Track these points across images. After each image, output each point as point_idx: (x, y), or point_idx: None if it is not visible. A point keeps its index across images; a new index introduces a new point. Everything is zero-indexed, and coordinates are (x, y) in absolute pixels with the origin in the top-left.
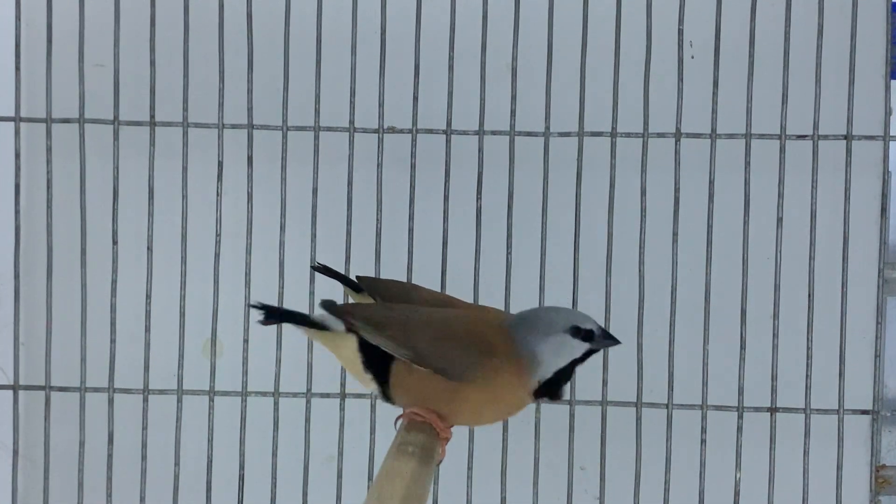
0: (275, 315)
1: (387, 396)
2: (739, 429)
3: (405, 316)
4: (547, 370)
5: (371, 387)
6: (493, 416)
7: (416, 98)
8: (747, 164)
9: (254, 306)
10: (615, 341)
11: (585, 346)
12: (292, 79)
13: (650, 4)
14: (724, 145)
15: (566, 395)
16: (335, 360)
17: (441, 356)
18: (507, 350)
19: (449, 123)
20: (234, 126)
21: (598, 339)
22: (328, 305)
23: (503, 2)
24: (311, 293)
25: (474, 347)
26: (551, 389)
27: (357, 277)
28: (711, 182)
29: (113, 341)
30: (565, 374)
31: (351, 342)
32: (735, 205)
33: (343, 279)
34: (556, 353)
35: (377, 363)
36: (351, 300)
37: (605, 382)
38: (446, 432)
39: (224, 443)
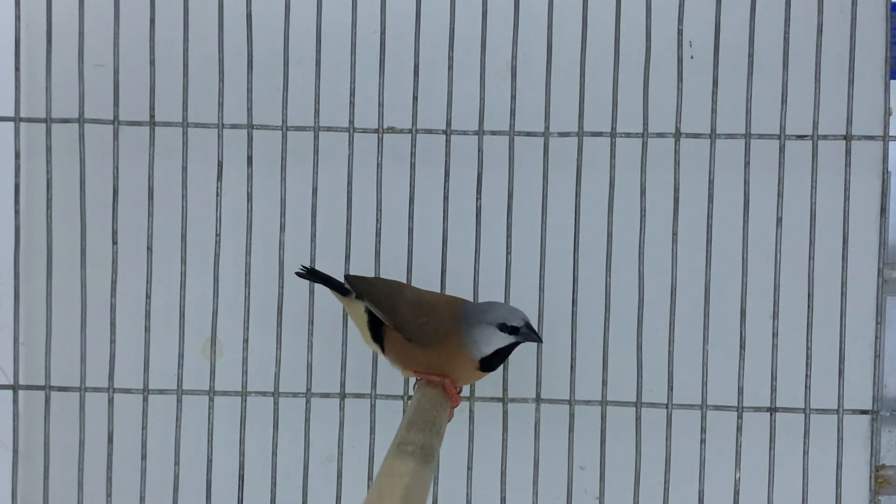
0: (313, 275)
1: (382, 350)
2: (739, 429)
3: (393, 296)
4: (482, 351)
5: (373, 346)
6: (455, 374)
7: (415, 98)
8: (747, 164)
9: (299, 273)
10: (538, 339)
11: (511, 339)
12: (292, 79)
13: (650, 4)
14: (723, 145)
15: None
16: (335, 360)
17: (412, 328)
18: (455, 330)
19: (449, 123)
20: (234, 126)
21: (522, 333)
22: (347, 277)
23: (503, 2)
24: (311, 293)
25: (433, 325)
26: (491, 363)
27: (346, 277)
28: (711, 182)
29: (113, 341)
30: (501, 354)
31: (360, 307)
32: (735, 205)
33: (329, 283)
34: (487, 341)
35: (376, 326)
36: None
37: (604, 382)
38: (455, 398)
39: (224, 443)
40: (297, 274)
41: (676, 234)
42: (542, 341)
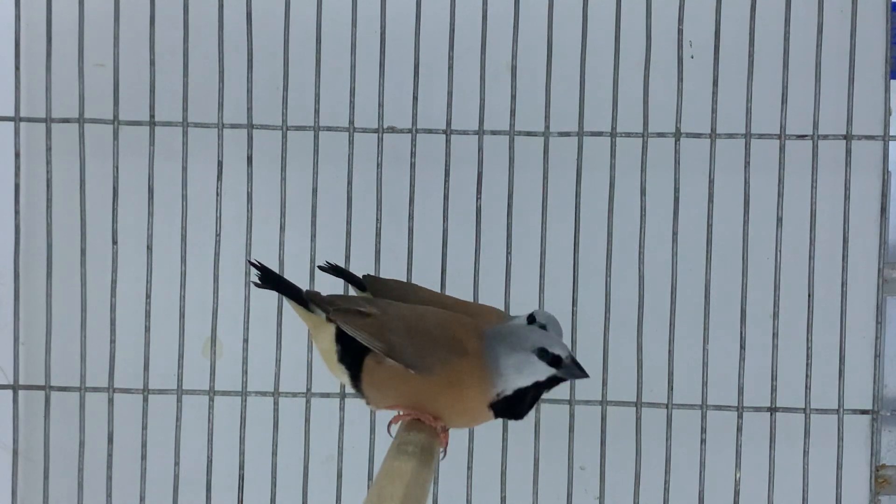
0: (270, 280)
1: (358, 390)
2: (739, 429)
3: (383, 309)
4: (507, 385)
5: (343, 379)
6: (458, 416)
7: (415, 98)
8: (747, 163)
9: (253, 264)
10: (583, 374)
11: (551, 371)
12: (292, 79)
13: (650, 4)
14: (723, 145)
15: (527, 416)
16: None
17: (411, 349)
18: (474, 354)
19: (449, 123)
20: (233, 126)
21: (565, 366)
22: (312, 296)
23: (503, 2)
24: None
25: (444, 344)
26: (511, 407)
27: (363, 276)
28: (711, 182)
29: (113, 341)
30: (527, 395)
31: (329, 331)
32: (735, 205)
33: (350, 278)
34: (518, 370)
35: (351, 356)
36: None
37: (605, 382)
38: (439, 426)
39: (224, 443)
40: (320, 268)
41: (676, 234)
42: (587, 376)
